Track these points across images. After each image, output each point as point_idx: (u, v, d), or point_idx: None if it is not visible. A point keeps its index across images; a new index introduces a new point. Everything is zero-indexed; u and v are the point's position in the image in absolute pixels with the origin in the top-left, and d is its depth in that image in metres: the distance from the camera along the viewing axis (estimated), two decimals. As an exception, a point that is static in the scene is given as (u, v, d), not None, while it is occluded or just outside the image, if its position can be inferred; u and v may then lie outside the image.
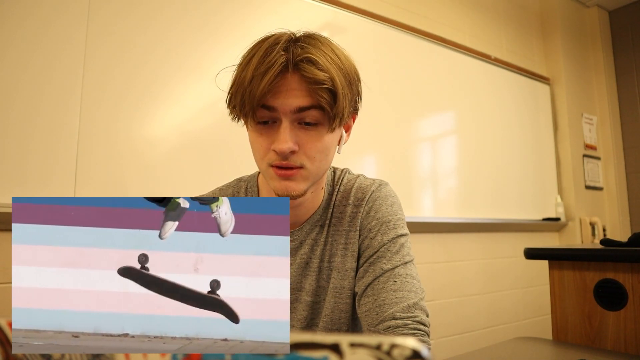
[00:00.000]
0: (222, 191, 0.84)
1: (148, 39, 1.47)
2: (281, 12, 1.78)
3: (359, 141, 1.95)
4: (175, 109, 1.51)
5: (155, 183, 1.44)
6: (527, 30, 3.00)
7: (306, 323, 0.78)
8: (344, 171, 0.83)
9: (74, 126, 1.32)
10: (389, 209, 0.77)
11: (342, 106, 0.64)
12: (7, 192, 1.20)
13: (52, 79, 1.29)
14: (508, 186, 2.60)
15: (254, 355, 0.24)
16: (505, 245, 2.59)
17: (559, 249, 1.22)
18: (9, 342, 0.28)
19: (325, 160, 0.69)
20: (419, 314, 0.67)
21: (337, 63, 0.64)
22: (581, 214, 2.88)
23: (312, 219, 0.77)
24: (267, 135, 0.65)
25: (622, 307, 1.04)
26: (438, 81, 2.33)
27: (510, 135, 2.68)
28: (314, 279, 0.77)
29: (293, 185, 0.66)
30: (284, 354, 0.21)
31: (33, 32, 1.28)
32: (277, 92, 0.62)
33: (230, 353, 0.24)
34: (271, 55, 0.61)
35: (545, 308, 2.45)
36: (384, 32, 2.13)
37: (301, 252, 0.77)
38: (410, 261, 0.73)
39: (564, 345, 1.02)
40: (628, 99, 3.17)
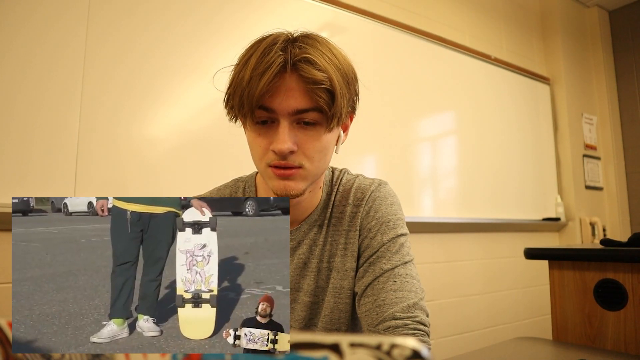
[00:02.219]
0: (220, 191, 0.84)
1: (148, 39, 1.47)
2: (281, 12, 1.78)
3: (358, 141, 1.95)
4: (175, 109, 1.51)
5: (155, 183, 1.44)
6: (527, 30, 3.00)
7: (305, 323, 0.78)
8: (342, 171, 0.83)
9: (74, 126, 1.32)
10: (389, 209, 0.77)
11: (340, 106, 0.64)
12: (7, 192, 1.20)
13: (52, 79, 1.29)
14: (508, 186, 2.61)
15: (254, 356, 0.24)
16: (505, 245, 2.59)
17: (559, 249, 1.22)
18: (9, 342, 0.28)
19: (323, 160, 0.69)
20: (419, 314, 0.67)
21: (335, 63, 0.64)
22: (581, 214, 2.88)
23: (310, 219, 0.77)
24: (266, 136, 0.65)
25: (622, 307, 1.04)
26: (438, 81, 2.33)
27: (510, 135, 2.68)
28: (313, 280, 0.77)
29: (292, 184, 0.66)
30: (284, 354, 0.21)
31: (34, 33, 1.28)
32: (276, 92, 0.62)
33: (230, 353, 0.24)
34: (269, 55, 0.61)
35: (545, 308, 2.45)
36: (384, 32, 2.13)
37: (299, 252, 0.77)
38: (410, 261, 0.73)
39: (564, 345, 1.02)
40: (628, 99, 3.17)
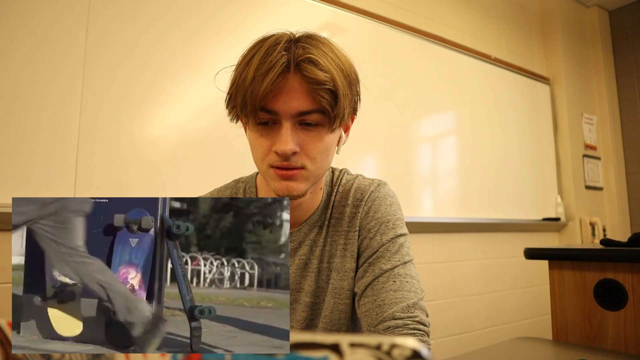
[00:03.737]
0: (220, 192, 0.84)
1: (149, 39, 1.47)
2: (281, 12, 1.78)
3: (359, 141, 1.95)
4: (175, 109, 1.51)
5: (156, 183, 1.44)
6: (527, 30, 3.00)
7: (305, 324, 0.78)
8: (342, 171, 0.83)
9: (74, 126, 1.32)
10: (388, 209, 0.77)
11: (342, 107, 0.64)
12: (8, 192, 1.20)
13: (52, 79, 1.29)
14: (508, 186, 2.60)
15: (254, 356, 0.24)
16: (505, 245, 2.59)
17: (559, 249, 1.22)
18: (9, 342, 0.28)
19: (325, 160, 0.69)
20: (419, 313, 0.67)
21: (338, 64, 0.64)
22: (581, 214, 2.88)
23: (311, 220, 0.77)
24: (268, 137, 0.65)
25: (622, 307, 1.04)
26: (438, 81, 2.33)
27: (510, 135, 2.68)
28: (313, 280, 0.77)
29: (294, 185, 0.66)
30: (284, 354, 0.21)
31: (34, 34, 1.28)
32: (279, 93, 0.62)
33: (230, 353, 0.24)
34: (272, 55, 0.61)
35: (545, 308, 2.45)
36: (384, 32, 2.13)
37: (300, 253, 0.77)
38: (410, 261, 0.73)
39: (564, 345, 1.02)
40: (628, 99, 3.17)
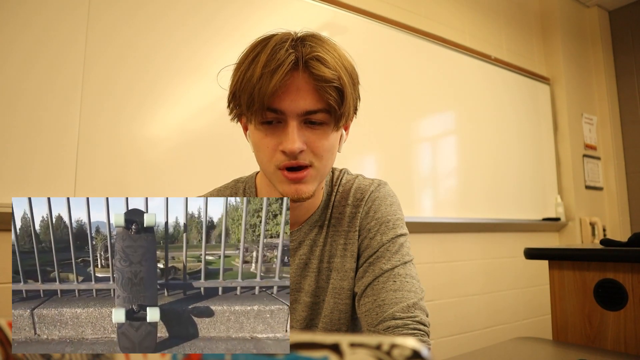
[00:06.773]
0: (220, 192, 0.84)
1: (149, 39, 1.47)
2: (281, 12, 1.78)
3: (359, 141, 1.95)
4: (176, 109, 1.51)
5: (156, 183, 1.44)
6: (527, 30, 3.00)
7: (305, 324, 0.78)
8: (342, 171, 0.83)
9: (74, 126, 1.32)
10: (388, 209, 0.77)
11: (349, 105, 0.65)
12: (8, 192, 1.20)
13: (52, 80, 1.29)
14: (508, 186, 2.60)
15: (254, 355, 0.24)
16: (505, 245, 2.59)
17: (559, 249, 1.22)
18: (9, 342, 0.28)
19: (331, 158, 0.69)
20: (419, 313, 0.67)
21: (342, 62, 0.65)
22: (581, 214, 2.88)
23: (311, 220, 0.77)
24: (273, 136, 0.65)
25: (622, 307, 1.04)
26: (438, 81, 2.33)
27: (510, 135, 2.68)
28: (313, 280, 0.77)
29: (303, 188, 0.66)
30: (284, 354, 0.21)
31: (35, 34, 1.28)
32: (286, 91, 0.62)
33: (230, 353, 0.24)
34: (280, 52, 0.61)
35: (545, 308, 2.45)
36: (384, 32, 2.13)
37: (300, 253, 0.77)
38: (410, 261, 0.73)
39: (564, 345, 1.02)
40: (628, 99, 3.17)
